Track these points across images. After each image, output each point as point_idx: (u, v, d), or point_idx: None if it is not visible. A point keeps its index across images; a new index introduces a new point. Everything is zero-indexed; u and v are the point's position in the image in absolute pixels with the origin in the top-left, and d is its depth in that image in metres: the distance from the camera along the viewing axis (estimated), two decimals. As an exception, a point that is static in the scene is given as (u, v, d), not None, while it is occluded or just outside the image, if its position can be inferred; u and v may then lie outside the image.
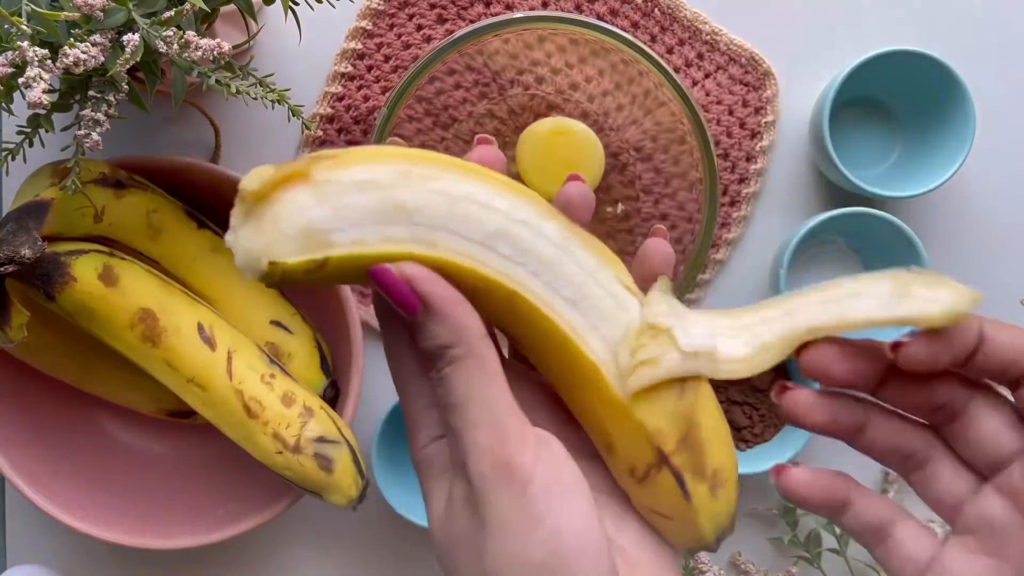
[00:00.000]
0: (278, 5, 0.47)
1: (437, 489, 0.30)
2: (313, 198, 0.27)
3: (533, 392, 0.33)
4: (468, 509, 0.28)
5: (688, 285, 0.57)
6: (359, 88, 0.61)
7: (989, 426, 0.29)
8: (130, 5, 0.41)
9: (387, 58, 0.61)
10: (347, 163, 0.28)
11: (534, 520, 0.27)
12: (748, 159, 0.63)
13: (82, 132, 0.43)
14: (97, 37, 0.41)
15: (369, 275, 0.28)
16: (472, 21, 0.61)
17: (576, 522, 0.27)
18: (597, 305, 0.30)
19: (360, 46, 0.61)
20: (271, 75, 0.48)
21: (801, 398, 0.30)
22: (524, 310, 0.29)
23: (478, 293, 0.29)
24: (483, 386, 0.28)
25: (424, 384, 0.30)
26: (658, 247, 0.33)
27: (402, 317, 0.29)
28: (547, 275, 0.29)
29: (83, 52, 0.40)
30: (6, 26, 0.40)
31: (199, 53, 0.43)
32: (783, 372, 0.62)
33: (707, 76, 0.62)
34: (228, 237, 0.27)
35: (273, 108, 0.49)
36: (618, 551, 0.30)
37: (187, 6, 0.42)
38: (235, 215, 0.27)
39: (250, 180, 0.27)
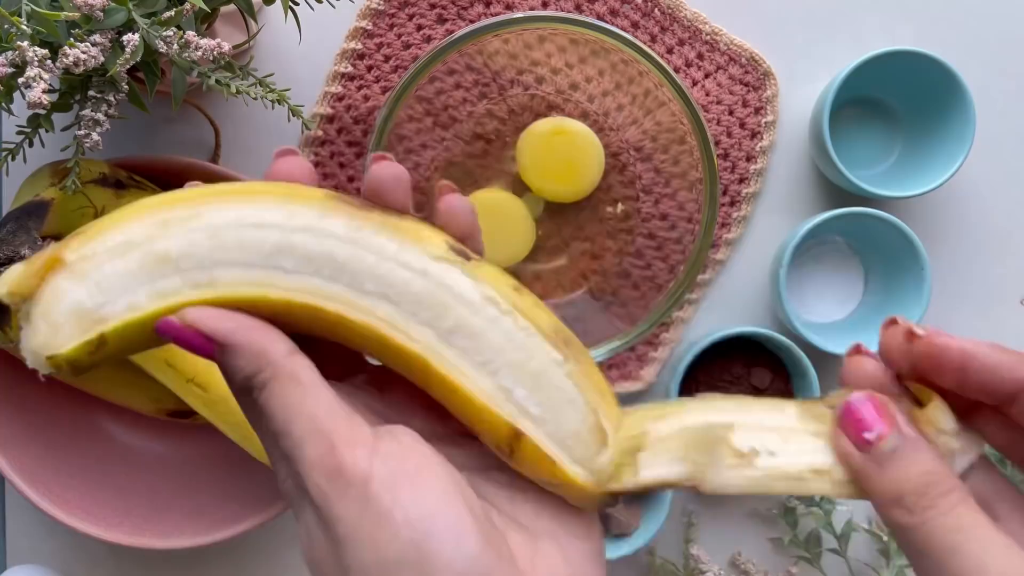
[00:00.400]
0: (278, 5, 0.47)
1: (300, 522, 0.28)
2: (71, 280, 0.26)
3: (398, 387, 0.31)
4: (321, 530, 0.26)
5: (688, 285, 0.57)
6: (359, 88, 0.61)
7: None
8: (130, 5, 0.41)
9: (387, 58, 0.61)
10: (96, 234, 0.27)
11: (381, 518, 0.25)
12: (748, 159, 0.63)
13: (82, 132, 0.43)
14: (97, 37, 0.41)
15: (156, 332, 0.27)
16: (472, 21, 0.61)
17: (427, 507, 0.25)
18: (408, 290, 0.28)
19: (360, 46, 0.61)
20: (271, 75, 0.48)
21: (866, 363, 0.29)
22: (328, 319, 0.28)
23: (279, 316, 0.28)
24: (299, 401, 0.26)
25: None
26: (452, 203, 0.30)
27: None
28: (344, 276, 0.27)
29: (83, 52, 0.40)
30: (6, 26, 0.40)
31: (199, 53, 0.43)
32: (785, 376, 0.62)
33: (707, 76, 0.62)
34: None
35: (273, 108, 0.49)
36: (515, 528, 0.28)
37: (187, 6, 0.42)
38: (19, 320, 0.27)
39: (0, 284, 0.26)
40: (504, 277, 0.29)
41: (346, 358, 0.32)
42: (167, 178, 0.53)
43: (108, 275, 0.26)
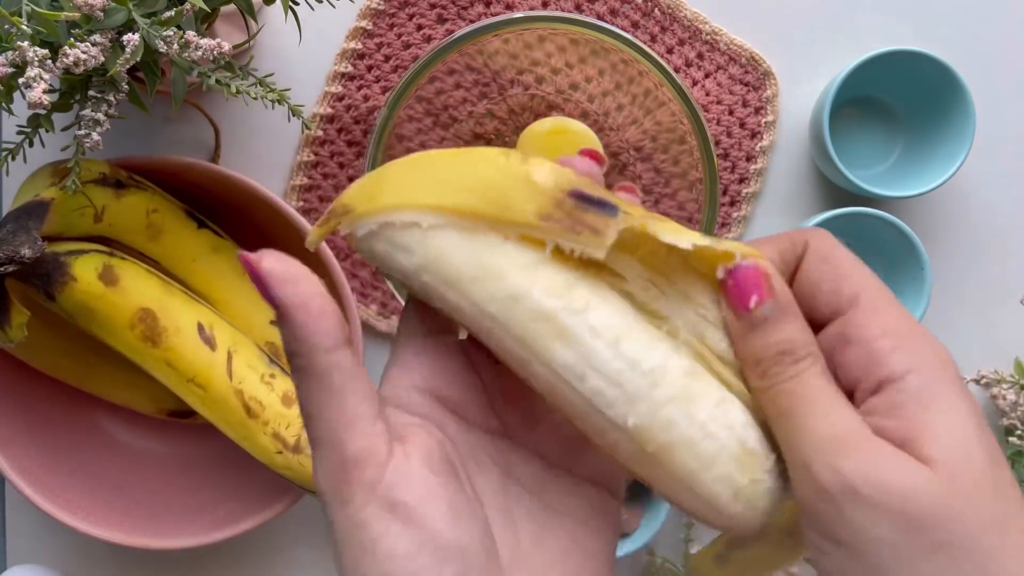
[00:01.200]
0: (278, 5, 0.47)
1: None
2: (357, 227, 0.30)
3: (461, 367, 0.31)
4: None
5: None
6: (359, 88, 0.61)
7: None
8: (130, 5, 0.41)
9: (387, 58, 0.61)
10: (377, 210, 0.29)
11: (369, 544, 0.26)
12: (748, 159, 0.63)
13: (82, 132, 0.43)
14: (97, 37, 0.41)
15: (240, 260, 0.27)
16: (472, 21, 0.61)
17: (409, 549, 0.26)
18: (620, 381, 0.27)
19: (360, 46, 0.61)
20: (271, 75, 0.48)
21: None
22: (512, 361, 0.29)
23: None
24: (324, 403, 0.27)
25: None
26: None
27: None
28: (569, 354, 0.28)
29: (83, 52, 0.40)
30: (6, 26, 0.40)
31: (199, 53, 0.43)
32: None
33: (707, 76, 0.62)
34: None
35: (273, 108, 0.49)
36: (530, 520, 0.29)
37: (187, 6, 0.42)
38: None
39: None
40: None
41: None
42: (167, 178, 0.53)
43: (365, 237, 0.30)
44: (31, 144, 0.46)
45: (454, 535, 0.27)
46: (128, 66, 0.42)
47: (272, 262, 0.26)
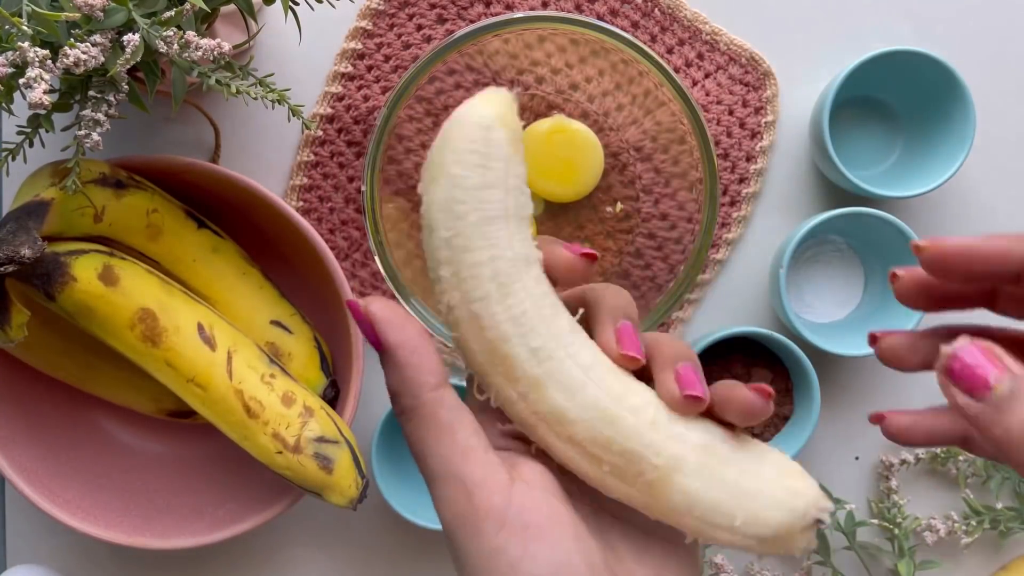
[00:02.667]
0: (278, 5, 0.47)
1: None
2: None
3: None
4: (453, 556, 0.29)
5: (688, 285, 0.57)
6: (359, 88, 0.61)
7: None
8: (130, 5, 0.41)
9: (387, 58, 0.61)
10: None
11: (511, 568, 0.27)
12: (748, 159, 0.63)
13: (82, 132, 0.43)
14: (97, 37, 0.41)
15: (346, 305, 0.29)
16: (472, 21, 0.61)
17: (554, 562, 0.27)
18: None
19: (360, 46, 0.61)
20: (271, 75, 0.48)
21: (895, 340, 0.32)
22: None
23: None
24: (434, 441, 0.28)
25: None
26: (746, 397, 0.30)
27: None
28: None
29: (83, 52, 0.40)
30: (6, 26, 0.40)
31: (199, 53, 0.43)
32: (785, 375, 0.62)
33: (707, 76, 0.62)
34: None
35: (273, 108, 0.49)
36: (621, 569, 0.30)
37: (187, 6, 0.42)
38: None
39: None
40: None
41: None
42: (167, 178, 0.53)
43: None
44: (31, 144, 0.46)
45: (582, 554, 0.28)
46: (128, 66, 0.42)
47: (379, 307, 0.29)
